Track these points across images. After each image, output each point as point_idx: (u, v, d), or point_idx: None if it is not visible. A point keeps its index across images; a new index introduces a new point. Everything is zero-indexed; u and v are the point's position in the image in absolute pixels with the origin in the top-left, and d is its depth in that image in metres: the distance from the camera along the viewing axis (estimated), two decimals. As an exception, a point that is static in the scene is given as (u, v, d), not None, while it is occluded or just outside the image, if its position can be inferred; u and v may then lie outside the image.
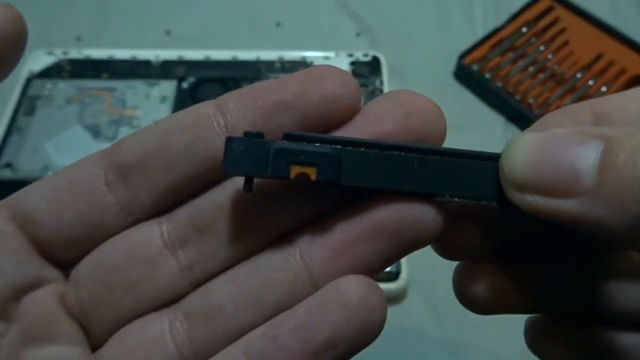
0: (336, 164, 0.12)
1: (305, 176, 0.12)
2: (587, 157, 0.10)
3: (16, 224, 0.15)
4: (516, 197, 0.11)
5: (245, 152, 0.12)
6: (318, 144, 0.12)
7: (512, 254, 0.15)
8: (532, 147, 0.11)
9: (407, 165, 0.13)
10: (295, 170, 0.12)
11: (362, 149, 0.13)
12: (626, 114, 0.11)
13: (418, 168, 0.13)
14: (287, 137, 0.13)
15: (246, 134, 0.13)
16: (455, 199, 0.13)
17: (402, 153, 0.13)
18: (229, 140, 0.13)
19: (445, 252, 0.17)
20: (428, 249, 0.42)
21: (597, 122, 0.12)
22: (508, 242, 0.15)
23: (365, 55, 0.50)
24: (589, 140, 0.10)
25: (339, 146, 0.12)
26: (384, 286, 0.38)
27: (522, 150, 0.11)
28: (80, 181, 0.15)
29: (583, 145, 0.10)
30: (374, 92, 0.48)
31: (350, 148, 0.12)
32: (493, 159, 0.12)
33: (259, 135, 0.13)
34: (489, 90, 0.48)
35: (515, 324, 0.38)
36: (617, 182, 0.09)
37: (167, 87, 0.47)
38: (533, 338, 0.17)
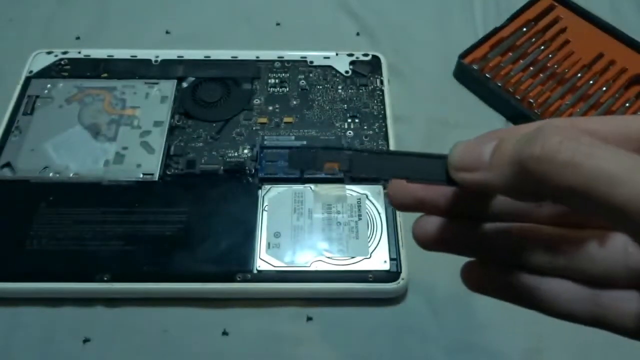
0: (348, 161, 0.20)
1: (332, 167, 0.21)
2: (487, 148, 0.17)
3: None
4: (454, 174, 0.19)
5: (299, 156, 0.21)
6: (339, 151, 0.21)
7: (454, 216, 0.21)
8: (463, 146, 0.18)
9: (392, 162, 0.20)
10: (327, 165, 0.21)
11: (365, 153, 0.20)
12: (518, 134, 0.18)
13: (399, 163, 0.20)
14: (324, 148, 0.21)
15: (298, 147, 0.22)
16: (421, 181, 0.20)
17: (390, 155, 0.21)
18: (290, 150, 0.21)
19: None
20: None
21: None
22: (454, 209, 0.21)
23: (366, 55, 0.50)
24: (491, 139, 0.18)
25: (351, 152, 0.20)
26: (384, 286, 0.38)
27: (458, 148, 0.19)
28: None
29: (487, 142, 0.18)
30: (374, 92, 0.48)
31: (357, 153, 0.20)
32: (444, 157, 0.19)
33: (309, 147, 0.21)
34: (489, 90, 0.48)
35: (515, 324, 0.38)
36: (498, 160, 0.17)
37: (167, 87, 0.47)
38: (469, 278, 0.22)
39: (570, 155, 0.15)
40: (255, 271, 0.38)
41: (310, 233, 0.40)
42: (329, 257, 0.38)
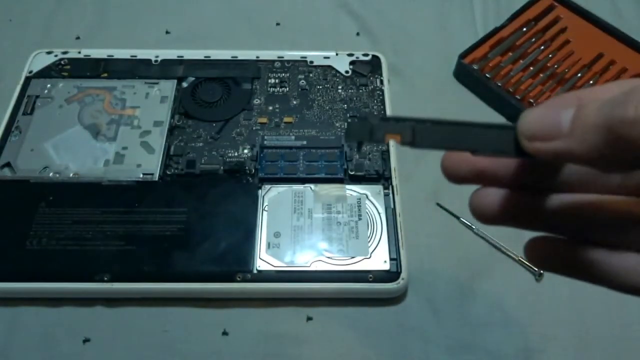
0: (411, 132, 0.19)
1: (394, 139, 0.19)
2: (566, 115, 0.16)
3: None
4: (527, 145, 0.17)
5: (358, 127, 0.20)
6: (401, 122, 0.19)
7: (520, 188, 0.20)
8: (535, 113, 0.17)
9: (457, 133, 0.19)
10: (387, 137, 0.19)
11: (428, 124, 0.19)
12: (598, 98, 0.17)
13: (464, 135, 0.19)
14: (382, 119, 0.20)
15: (358, 118, 0.21)
16: (489, 154, 0.19)
17: (455, 126, 0.19)
18: (350, 122, 0.22)
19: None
20: (427, 250, 0.43)
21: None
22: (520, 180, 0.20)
23: (366, 55, 0.50)
24: (567, 104, 0.17)
25: (413, 122, 0.19)
26: (384, 286, 0.38)
27: (529, 116, 0.17)
28: None
29: (563, 108, 0.16)
30: (374, 92, 0.48)
31: (421, 123, 0.19)
32: (512, 127, 0.18)
33: (365, 118, 0.20)
34: (489, 90, 0.48)
35: (515, 324, 0.38)
36: (581, 127, 0.16)
37: (167, 87, 0.47)
38: (534, 255, 0.21)
39: None
40: (255, 271, 0.38)
41: (310, 233, 0.40)
42: (329, 257, 0.38)
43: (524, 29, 0.51)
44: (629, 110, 0.14)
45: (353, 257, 0.38)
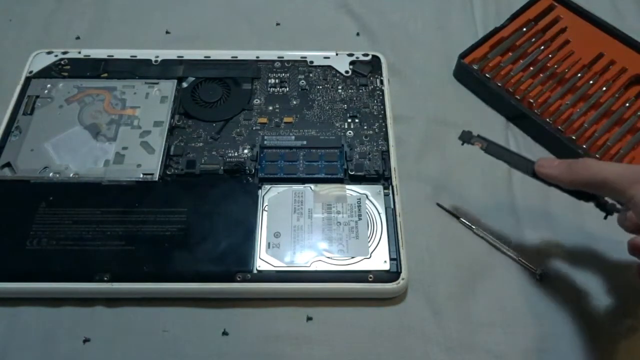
0: (487, 146, 0.37)
1: (478, 146, 0.37)
2: (557, 162, 0.34)
3: None
4: (538, 169, 0.35)
5: (465, 134, 0.38)
6: (484, 139, 0.37)
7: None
8: (545, 158, 0.35)
9: (507, 155, 0.37)
10: (477, 144, 0.37)
11: (495, 145, 0.37)
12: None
13: (510, 157, 0.37)
14: (479, 136, 0.38)
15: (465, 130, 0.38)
16: (519, 171, 0.36)
17: (507, 151, 0.37)
18: (463, 131, 0.38)
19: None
20: (427, 250, 0.43)
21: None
22: None
23: (366, 55, 0.50)
24: (561, 163, 0.34)
25: (490, 142, 0.37)
26: (384, 286, 0.38)
27: (543, 158, 0.35)
28: None
29: (556, 160, 0.34)
30: (374, 92, 0.48)
31: (492, 144, 0.37)
32: (533, 162, 0.35)
33: (470, 132, 0.38)
34: (489, 90, 0.48)
35: (515, 324, 0.38)
36: (559, 165, 0.34)
37: (167, 87, 0.47)
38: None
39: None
40: (255, 271, 0.38)
41: (310, 233, 0.40)
42: (329, 257, 0.38)
43: (524, 29, 0.51)
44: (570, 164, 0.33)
45: (353, 257, 0.38)
